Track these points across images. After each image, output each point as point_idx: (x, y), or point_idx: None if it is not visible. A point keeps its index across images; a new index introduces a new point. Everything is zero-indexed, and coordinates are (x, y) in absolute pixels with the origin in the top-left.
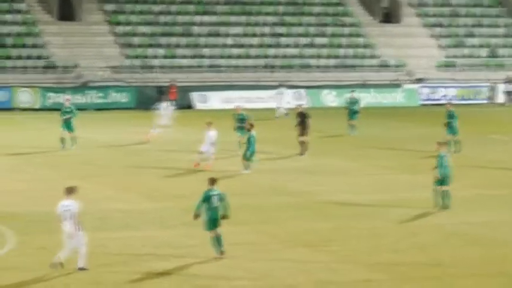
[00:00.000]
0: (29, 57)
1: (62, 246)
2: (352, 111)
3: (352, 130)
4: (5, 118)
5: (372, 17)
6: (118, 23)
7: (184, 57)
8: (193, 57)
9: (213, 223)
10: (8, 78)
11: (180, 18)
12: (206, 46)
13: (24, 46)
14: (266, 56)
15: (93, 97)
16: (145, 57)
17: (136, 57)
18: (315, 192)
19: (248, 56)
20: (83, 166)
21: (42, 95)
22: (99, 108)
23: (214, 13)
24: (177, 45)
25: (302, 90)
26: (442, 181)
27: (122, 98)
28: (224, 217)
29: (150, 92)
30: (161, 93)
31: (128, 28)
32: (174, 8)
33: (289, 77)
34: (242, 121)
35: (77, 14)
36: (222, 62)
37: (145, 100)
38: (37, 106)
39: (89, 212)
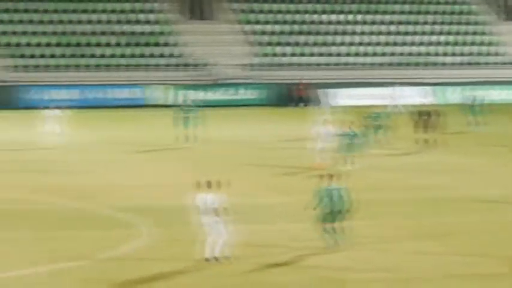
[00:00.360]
0: (161, 56)
1: (204, 240)
2: (474, 108)
3: (477, 126)
4: (138, 115)
5: (496, 15)
6: (248, 22)
7: (312, 55)
8: (321, 55)
9: (331, 216)
10: (141, 76)
11: (308, 17)
12: (333, 44)
13: (157, 45)
14: (392, 54)
15: (223, 94)
16: (274, 55)
17: (266, 55)
18: (440, 187)
19: (375, 54)
20: (214, 161)
21: (175, 92)
22: (230, 105)
23: (342, 12)
24: (305, 44)
25: (428, 88)
26: None
27: (252, 95)
28: (347, 211)
29: (279, 89)
30: (290, 90)
31: (257, 27)
32: (302, 7)
33: (414, 75)
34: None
35: (208, 14)
36: (349, 59)
37: (275, 97)
38: (169, 103)
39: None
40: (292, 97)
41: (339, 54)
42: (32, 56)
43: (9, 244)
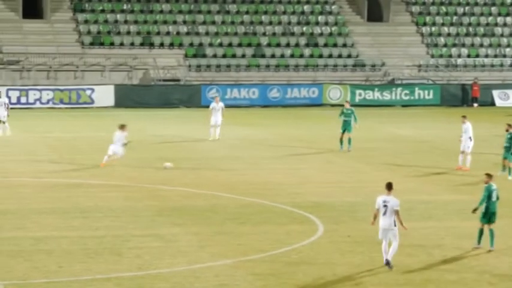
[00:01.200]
0: (339, 56)
1: (380, 243)
2: None
3: None
4: (315, 113)
5: None
6: (424, 24)
7: (486, 56)
8: (496, 56)
9: (490, 217)
10: (319, 75)
11: (483, 19)
12: (508, 46)
13: (335, 45)
14: None
15: (399, 94)
16: (450, 56)
17: (441, 56)
18: None
19: None
20: (389, 159)
21: (352, 91)
22: (405, 104)
23: None
24: (480, 45)
25: None
26: None
27: (427, 95)
28: (488, 212)
29: (454, 89)
30: (464, 91)
31: (433, 29)
32: (477, 9)
33: None
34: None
35: (384, 15)
36: None
37: (450, 97)
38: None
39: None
40: (466, 97)
41: None
42: (214, 56)
43: (193, 238)
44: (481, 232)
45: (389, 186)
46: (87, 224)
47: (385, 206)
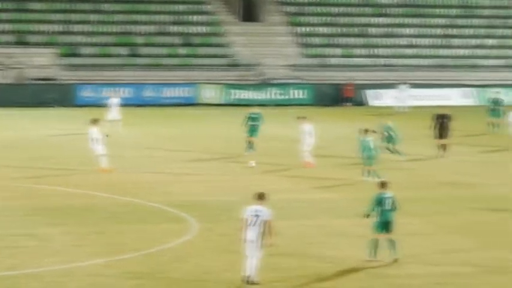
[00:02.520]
0: (214, 56)
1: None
2: (495, 110)
3: (493, 128)
4: (190, 113)
5: None
6: (298, 24)
7: (360, 56)
8: (369, 56)
9: (384, 226)
10: (194, 75)
11: (357, 20)
12: (381, 46)
13: (209, 45)
14: (437, 56)
15: (273, 93)
16: (324, 56)
17: (315, 56)
18: (483, 184)
19: (420, 56)
20: (263, 158)
21: (226, 91)
22: (279, 104)
23: (389, 15)
24: (354, 46)
25: (472, 89)
26: None
27: (301, 94)
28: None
29: (328, 89)
30: (337, 91)
31: (307, 29)
32: (351, 10)
33: (459, 76)
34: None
35: (259, 16)
36: (396, 61)
37: (323, 97)
38: (220, 102)
39: (269, 202)
40: (339, 97)
41: (386, 56)
42: (89, 55)
43: (67, 237)
44: (375, 243)
45: (261, 196)
46: None
47: (256, 215)
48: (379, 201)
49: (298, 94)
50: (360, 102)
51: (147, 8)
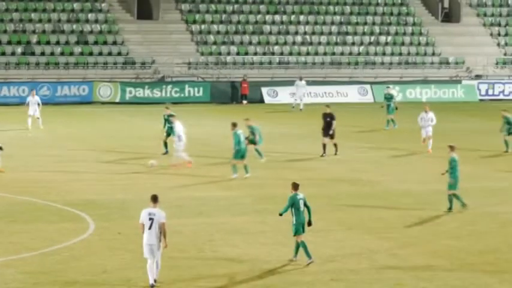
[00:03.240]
0: (109, 54)
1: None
2: (388, 106)
3: (388, 125)
4: (86, 111)
5: (433, 16)
6: (194, 22)
7: (255, 54)
8: (264, 54)
9: (301, 227)
10: (89, 73)
11: (252, 17)
12: (276, 44)
13: (105, 43)
14: (333, 54)
15: (169, 91)
16: (219, 54)
17: (211, 54)
18: (378, 181)
19: (316, 53)
20: (161, 157)
21: (122, 89)
22: (176, 101)
23: (284, 12)
24: (249, 43)
25: (367, 86)
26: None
27: (197, 92)
28: (309, 223)
29: (224, 87)
30: (234, 88)
31: (203, 27)
32: (246, 7)
33: (354, 73)
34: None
35: (154, 13)
36: (292, 58)
37: (219, 95)
38: (116, 100)
39: (167, 200)
40: (236, 95)
41: (281, 53)
42: None
43: None
44: (298, 245)
45: (154, 199)
46: None
47: (150, 219)
48: (294, 203)
49: (194, 92)
50: (256, 100)
51: (42, 6)
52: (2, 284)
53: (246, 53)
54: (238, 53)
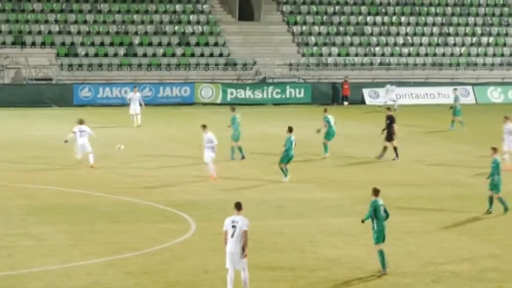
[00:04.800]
0: (211, 55)
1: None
2: (455, 107)
3: (452, 126)
4: (187, 112)
5: None
6: (295, 23)
7: (356, 55)
8: (365, 55)
9: (383, 236)
10: (191, 74)
11: (353, 19)
12: (378, 45)
13: (206, 44)
14: (434, 55)
15: (271, 93)
16: (320, 55)
17: (312, 55)
18: (477, 184)
19: (417, 54)
20: (261, 157)
21: (223, 90)
22: (277, 103)
23: (386, 13)
24: (350, 44)
25: (469, 87)
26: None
27: (298, 93)
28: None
29: (325, 88)
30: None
31: (304, 28)
32: (347, 8)
33: (456, 75)
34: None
35: (256, 15)
36: (393, 60)
37: (320, 96)
38: (218, 101)
39: (268, 201)
40: (337, 96)
41: (382, 55)
42: (86, 55)
43: (65, 237)
44: (381, 254)
45: (238, 206)
46: None
47: (233, 226)
48: (376, 209)
49: (295, 93)
50: (357, 101)
51: (144, 8)
52: (104, 283)
53: (347, 54)
54: (339, 54)
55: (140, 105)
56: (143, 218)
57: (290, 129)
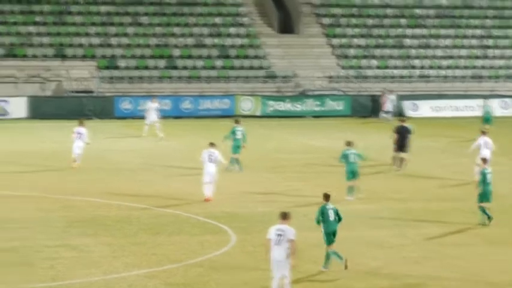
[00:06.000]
0: (251, 68)
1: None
2: (486, 118)
3: None
4: (227, 124)
5: None
6: (334, 36)
7: (396, 67)
8: (405, 67)
9: (332, 238)
10: (231, 87)
11: (393, 31)
12: (417, 57)
13: (246, 57)
14: (474, 67)
15: (310, 105)
16: (360, 67)
17: (352, 67)
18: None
19: (457, 67)
20: (301, 169)
21: (263, 102)
22: (317, 115)
23: (425, 26)
24: (390, 57)
25: (508, 100)
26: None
27: (338, 106)
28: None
29: (364, 100)
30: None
31: (343, 40)
32: (387, 21)
33: (495, 87)
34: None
35: (295, 27)
36: (432, 72)
37: (360, 108)
38: (257, 113)
39: (308, 213)
40: (376, 108)
41: (422, 67)
42: (127, 68)
43: (106, 248)
44: (332, 254)
45: (284, 216)
46: None
47: (279, 235)
48: (323, 213)
49: (335, 105)
50: (397, 113)
51: (184, 21)
52: None
53: (387, 67)
54: (378, 67)
55: (157, 116)
56: (184, 230)
57: (349, 144)
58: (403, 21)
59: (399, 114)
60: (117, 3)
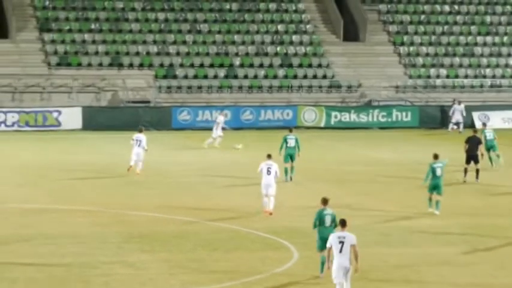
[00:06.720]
0: (314, 77)
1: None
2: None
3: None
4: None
5: None
6: (401, 44)
7: (466, 77)
8: (475, 77)
9: (325, 244)
10: (293, 97)
11: (463, 39)
12: (488, 66)
13: (309, 66)
14: None
15: (376, 116)
16: (428, 77)
17: (419, 77)
18: None
19: None
20: (366, 184)
21: (327, 113)
22: (383, 126)
23: (497, 33)
24: (460, 65)
25: None
26: None
27: (405, 117)
28: None
29: (433, 111)
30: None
31: (411, 48)
32: (457, 28)
33: None
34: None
35: (361, 35)
36: (504, 82)
37: (428, 119)
38: (321, 124)
39: (372, 229)
40: (445, 119)
41: (493, 76)
42: (185, 77)
43: (163, 265)
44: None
45: (343, 223)
46: (53, 251)
47: (341, 242)
48: (321, 218)
49: (402, 116)
50: (467, 124)
51: (245, 28)
52: None
53: (456, 76)
54: (448, 76)
55: (223, 128)
56: (243, 246)
57: (436, 157)
58: (473, 28)
59: (470, 125)
60: (175, 9)
